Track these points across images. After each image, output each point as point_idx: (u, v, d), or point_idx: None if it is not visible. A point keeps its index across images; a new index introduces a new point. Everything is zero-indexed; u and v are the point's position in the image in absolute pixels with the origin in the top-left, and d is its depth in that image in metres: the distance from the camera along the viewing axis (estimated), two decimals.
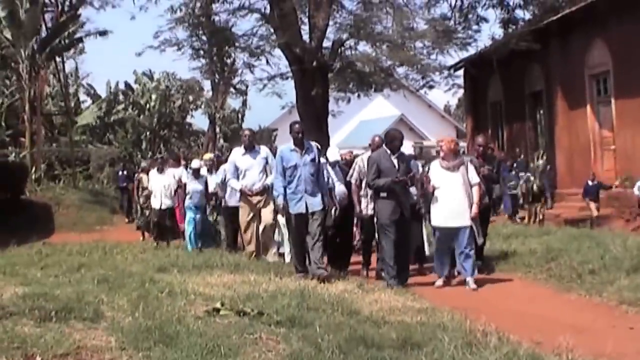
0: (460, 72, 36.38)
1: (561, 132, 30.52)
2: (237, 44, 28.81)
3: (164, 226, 21.13)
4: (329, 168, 15.31)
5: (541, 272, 14.46)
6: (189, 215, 19.88)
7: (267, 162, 15.85)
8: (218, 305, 9.93)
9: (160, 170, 21.29)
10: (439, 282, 13.84)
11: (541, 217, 25.47)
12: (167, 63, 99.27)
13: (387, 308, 10.78)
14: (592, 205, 25.70)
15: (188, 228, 19.81)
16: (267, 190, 15.55)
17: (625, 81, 26.35)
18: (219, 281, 12.93)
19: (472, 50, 30.36)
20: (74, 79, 54.35)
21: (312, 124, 24.57)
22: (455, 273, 14.09)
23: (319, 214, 13.88)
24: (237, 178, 15.89)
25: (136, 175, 27.18)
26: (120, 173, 34.56)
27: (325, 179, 14.63)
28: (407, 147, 15.20)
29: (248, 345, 7.93)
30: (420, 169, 14.92)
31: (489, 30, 45.14)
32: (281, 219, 16.28)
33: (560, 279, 13.64)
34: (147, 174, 22.93)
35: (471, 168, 13.80)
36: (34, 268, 15.27)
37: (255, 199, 15.75)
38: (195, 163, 20.57)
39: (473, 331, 8.68)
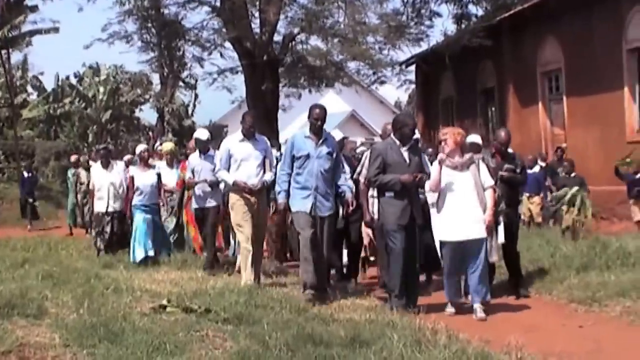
0: (412, 67, 36.40)
1: (513, 129, 30.25)
2: (187, 37, 28.63)
3: (111, 235, 16.54)
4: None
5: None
6: (137, 217, 15.86)
7: (266, 155, 12.97)
8: (164, 302, 9.91)
9: (106, 165, 16.84)
10: (450, 309, 11.09)
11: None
12: (116, 56, 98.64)
13: (336, 305, 10.77)
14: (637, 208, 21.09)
15: (135, 235, 15.72)
16: (264, 189, 12.91)
17: (577, 79, 26.46)
18: (165, 278, 12.90)
19: (424, 46, 30.40)
20: (22, 72, 53.74)
21: (262, 119, 24.48)
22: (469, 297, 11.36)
23: (329, 221, 11.81)
24: (229, 170, 12.74)
25: (73, 170, 26.05)
26: (25, 175, 31.09)
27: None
28: None
29: (194, 343, 7.94)
30: (430, 165, 11.63)
31: (442, 26, 45.69)
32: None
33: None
34: (85, 169, 22.18)
35: (483, 167, 11.26)
36: None
37: (252, 199, 12.60)
38: (140, 148, 17.30)
39: (422, 329, 8.69)
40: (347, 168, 12.53)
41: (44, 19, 40.58)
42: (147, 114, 55.35)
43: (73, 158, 27.17)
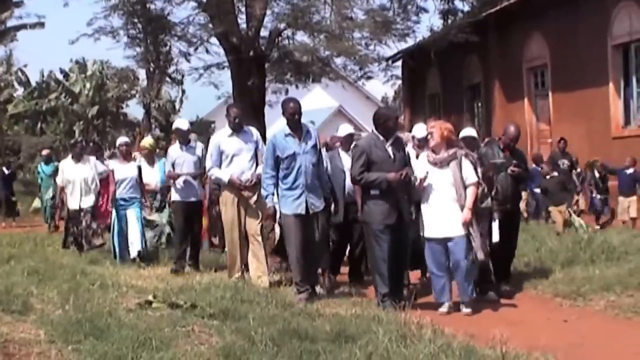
0: (399, 63, 36.41)
1: (499, 124, 30.46)
2: (173, 32, 28.54)
3: (86, 231, 15.73)
4: (342, 152, 12.60)
5: None
6: (116, 214, 15.32)
7: (257, 147, 12.55)
8: (150, 297, 9.89)
9: (78, 159, 16.01)
10: (444, 308, 10.70)
11: None
12: (102, 51, 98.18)
13: (322, 300, 10.71)
14: (625, 202, 21.13)
15: (113, 233, 15.30)
16: (257, 182, 12.17)
17: (563, 75, 26.59)
18: (151, 273, 12.89)
19: (410, 42, 30.37)
20: (7, 67, 53.58)
21: (249, 114, 24.45)
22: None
23: (322, 216, 11.32)
24: (220, 166, 12.39)
25: (55, 164, 25.52)
26: (6, 172, 30.18)
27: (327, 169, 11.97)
28: (421, 130, 12.32)
29: (180, 338, 7.92)
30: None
31: (428, 22, 45.46)
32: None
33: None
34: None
35: (467, 164, 10.74)
36: None
37: (245, 193, 12.23)
38: (122, 138, 16.61)
39: (407, 324, 8.67)
40: (343, 159, 12.31)
41: (30, 14, 40.34)
42: (134, 110, 55.30)
43: (45, 152, 26.66)
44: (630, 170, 21.07)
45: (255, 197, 12.28)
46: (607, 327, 9.75)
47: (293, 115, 11.26)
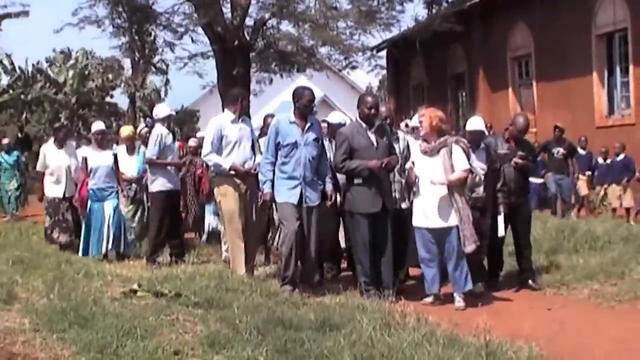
0: (383, 53, 36.45)
1: (483, 114, 30.50)
2: (158, 22, 28.45)
3: (65, 222, 15.12)
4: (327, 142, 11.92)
5: None
6: (91, 204, 14.13)
7: (254, 136, 12.00)
8: (135, 286, 9.84)
9: (61, 144, 15.46)
10: (428, 299, 10.59)
11: None
12: (87, 41, 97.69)
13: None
14: (617, 189, 21.49)
15: (89, 224, 14.08)
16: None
17: (547, 64, 26.66)
18: (136, 262, 12.82)
19: (395, 31, 30.41)
20: None
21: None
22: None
23: (317, 211, 10.91)
24: (219, 153, 11.61)
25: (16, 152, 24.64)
26: None
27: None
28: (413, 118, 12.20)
29: (165, 327, 7.89)
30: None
31: (413, 11, 45.36)
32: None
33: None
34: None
35: (457, 150, 10.45)
36: None
37: (243, 185, 11.54)
38: (97, 125, 15.21)
39: (392, 312, 8.67)
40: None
41: (14, 2, 40.09)
42: (119, 99, 55.09)
43: (5, 141, 25.34)
44: (620, 157, 21.23)
45: (252, 189, 11.65)
46: (590, 316, 9.83)
47: (309, 103, 10.99)
